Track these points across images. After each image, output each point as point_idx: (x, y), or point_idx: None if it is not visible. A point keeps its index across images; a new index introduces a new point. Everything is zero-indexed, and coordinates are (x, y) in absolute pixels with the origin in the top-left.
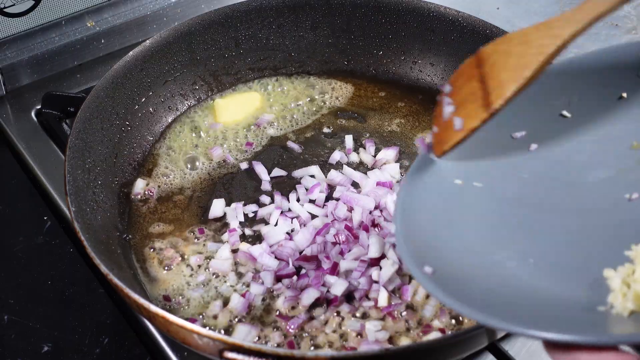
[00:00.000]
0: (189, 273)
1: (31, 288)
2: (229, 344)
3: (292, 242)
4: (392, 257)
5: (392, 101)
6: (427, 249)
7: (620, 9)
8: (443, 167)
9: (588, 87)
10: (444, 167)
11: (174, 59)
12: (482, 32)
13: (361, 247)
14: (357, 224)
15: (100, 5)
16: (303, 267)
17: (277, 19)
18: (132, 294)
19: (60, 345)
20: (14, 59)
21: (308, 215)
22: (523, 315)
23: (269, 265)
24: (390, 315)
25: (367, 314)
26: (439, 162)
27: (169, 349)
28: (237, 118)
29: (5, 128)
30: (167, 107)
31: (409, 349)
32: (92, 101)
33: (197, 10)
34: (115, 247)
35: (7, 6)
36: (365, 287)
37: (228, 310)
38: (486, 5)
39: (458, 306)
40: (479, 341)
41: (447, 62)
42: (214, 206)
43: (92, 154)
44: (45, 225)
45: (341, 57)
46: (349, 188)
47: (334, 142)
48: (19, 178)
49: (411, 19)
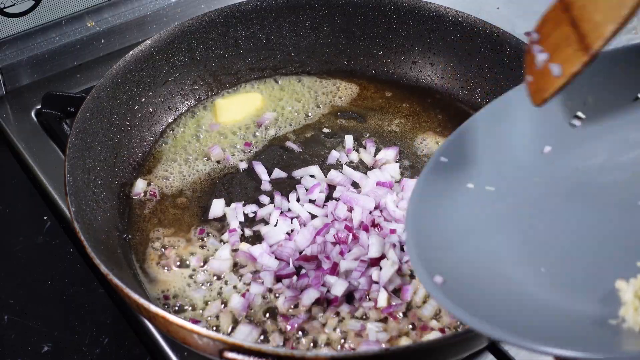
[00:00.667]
0: (189, 273)
1: (31, 288)
2: (229, 344)
3: (292, 242)
4: (392, 258)
5: (392, 101)
6: (438, 255)
7: None
8: (455, 171)
9: (603, 87)
10: (455, 170)
11: (173, 59)
12: (482, 32)
13: (361, 247)
14: (357, 224)
15: (100, 5)
16: (303, 267)
17: (277, 19)
18: (132, 294)
19: (60, 345)
20: (14, 59)
21: (308, 215)
22: (533, 329)
23: (269, 265)
24: (391, 316)
25: (367, 315)
26: (451, 165)
27: (169, 349)
28: (237, 118)
29: (5, 128)
30: (167, 107)
31: (409, 349)
32: (92, 101)
33: (197, 10)
34: (115, 247)
35: (7, 6)
36: (365, 288)
37: (228, 310)
38: (486, 5)
39: (467, 318)
40: (479, 341)
41: (447, 62)
42: (213, 206)
43: (92, 154)
44: (45, 225)
45: (341, 57)
46: (349, 188)
47: (334, 142)
48: (19, 178)
49: (411, 19)
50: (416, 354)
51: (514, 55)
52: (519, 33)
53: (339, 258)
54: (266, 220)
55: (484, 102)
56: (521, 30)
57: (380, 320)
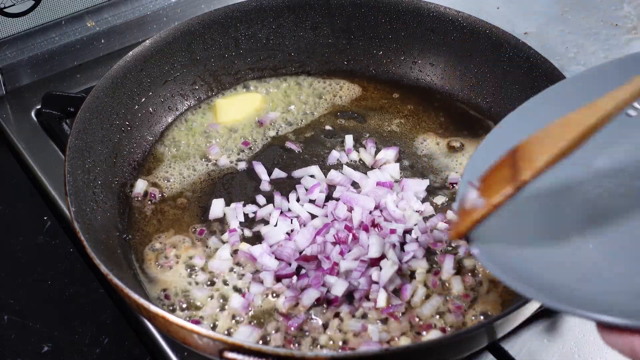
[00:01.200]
0: (188, 273)
1: (31, 288)
2: (229, 344)
3: (292, 242)
4: (392, 258)
5: (392, 101)
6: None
7: (620, 9)
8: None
9: None
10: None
11: (173, 59)
12: (482, 32)
13: (361, 247)
14: (357, 224)
15: (100, 5)
16: (303, 267)
17: (276, 19)
18: (132, 294)
19: (60, 345)
20: (14, 59)
21: (308, 215)
22: (580, 297)
23: (269, 265)
24: (391, 316)
25: (366, 315)
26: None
27: (169, 349)
28: (237, 118)
29: (5, 128)
30: (167, 107)
31: (409, 349)
32: (92, 101)
33: (197, 10)
34: (115, 247)
35: (7, 6)
36: (365, 288)
37: (228, 310)
38: (486, 5)
39: (520, 287)
40: (479, 341)
41: (447, 62)
42: (213, 206)
43: (92, 154)
44: (45, 225)
45: (341, 57)
46: (348, 188)
47: (334, 142)
48: (19, 178)
49: (411, 19)
50: (416, 354)
51: (514, 55)
52: (518, 33)
53: (339, 258)
54: (266, 220)
55: (484, 102)
56: (521, 30)
57: (380, 320)
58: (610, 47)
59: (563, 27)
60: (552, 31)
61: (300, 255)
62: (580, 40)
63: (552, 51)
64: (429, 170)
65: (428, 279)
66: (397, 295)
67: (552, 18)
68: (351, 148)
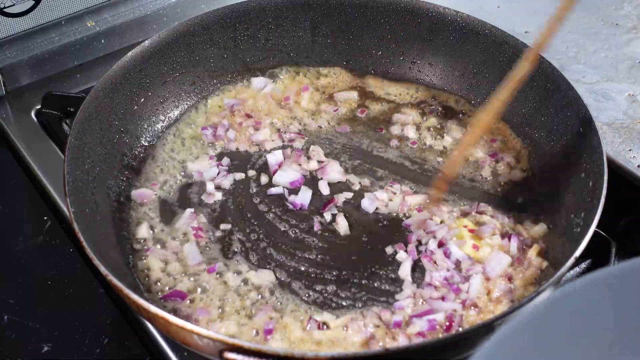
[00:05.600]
0: (188, 273)
1: (31, 288)
2: (229, 345)
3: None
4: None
5: (391, 101)
6: None
7: (620, 8)
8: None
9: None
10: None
11: (172, 59)
12: (481, 32)
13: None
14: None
15: (100, 5)
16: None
17: (276, 19)
18: (132, 295)
19: (60, 345)
20: (14, 59)
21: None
22: None
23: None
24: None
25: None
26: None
27: (169, 349)
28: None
29: (5, 128)
30: (167, 108)
31: (409, 349)
32: (91, 102)
33: (197, 10)
34: (115, 247)
35: (7, 6)
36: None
37: (228, 310)
38: (486, 4)
39: None
40: (479, 341)
41: (445, 62)
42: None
43: (92, 155)
44: (45, 225)
45: (340, 58)
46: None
47: (334, 142)
48: (19, 178)
49: (410, 19)
50: (416, 354)
51: (513, 55)
52: (518, 33)
53: None
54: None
55: (484, 102)
56: (521, 29)
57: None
58: (611, 47)
59: (563, 26)
60: None
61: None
62: (581, 40)
63: (552, 50)
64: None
65: None
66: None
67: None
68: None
